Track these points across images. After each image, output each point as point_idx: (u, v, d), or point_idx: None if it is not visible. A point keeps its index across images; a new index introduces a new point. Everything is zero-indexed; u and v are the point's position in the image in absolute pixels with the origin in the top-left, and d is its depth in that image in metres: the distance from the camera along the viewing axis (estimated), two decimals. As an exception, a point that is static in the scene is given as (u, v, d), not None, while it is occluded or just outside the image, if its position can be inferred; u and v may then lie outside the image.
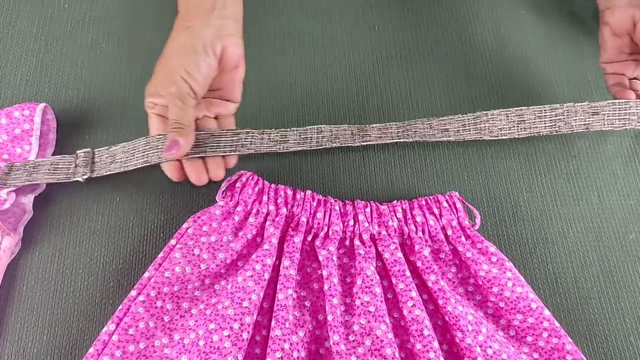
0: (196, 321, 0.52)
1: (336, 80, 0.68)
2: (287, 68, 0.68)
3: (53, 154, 0.60)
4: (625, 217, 0.61)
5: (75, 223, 0.58)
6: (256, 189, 0.58)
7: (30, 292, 0.55)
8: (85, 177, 0.55)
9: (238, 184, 0.58)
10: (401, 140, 0.60)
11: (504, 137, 0.59)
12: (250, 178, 0.58)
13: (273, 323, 0.51)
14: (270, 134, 0.59)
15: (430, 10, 0.73)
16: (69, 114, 0.63)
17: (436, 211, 0.58)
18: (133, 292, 0.52)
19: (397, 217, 0.57)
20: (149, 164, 0.55)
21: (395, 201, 0.58)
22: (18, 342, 0.53)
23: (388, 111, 0.66)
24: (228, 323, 0.50)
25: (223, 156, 0.57)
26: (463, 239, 0.56)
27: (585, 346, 0.56)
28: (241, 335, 0.49)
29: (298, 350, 0.51)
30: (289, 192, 0.58)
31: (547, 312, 0.53)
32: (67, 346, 0.53)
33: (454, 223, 0.57)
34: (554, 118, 0.59)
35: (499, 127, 0.59)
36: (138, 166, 0.56)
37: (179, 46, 0.54)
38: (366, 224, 0.57)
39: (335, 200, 0.58)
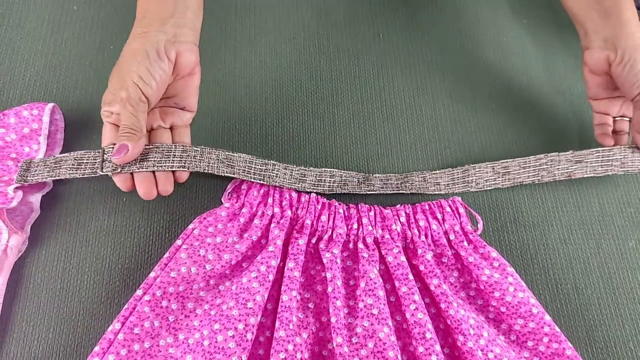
0: (201, 321, 0.52)
1: (340, 86, 0.68)
2: (292, 72, 0.69)
3: (61, 154, 0.60)
4: (625, 225, 0.62)
5: (82, 222, 0.58)
6: (261, 191, 0.58)
7: (37, 290, 0.55)
8: (116, 171, 0.54)
9: (244, 186, 0.58)
10: (400, 192, 0.62)
11: (488, 188, 0.62)
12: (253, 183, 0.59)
13: (277, 324, 0.51)
14: (292, 170, 0.60)
15: (433, 19, 0.74)
16: (76, 115, 0.63)
17: (439, 216, 0.58)
18: (139, 292, 0.53)
19: (400, 221, 0.58)
20: (183, 169, 0.55)
21: (399, 205, 0.59)
22: (24, 340, 0.53)
23: (392, 117, 0.67)
24: (232, 323, 0.50)
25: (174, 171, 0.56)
26: (465, 243, 0.57)
27: (585, 352, 0.56)
28: (245, 336, 0.50)
29: (301, 352, 0.51)
30: (294, 194, 0.59)
31: (547, 318, 0.54)
32: (73, 344, 0.53)
33: (457, 228, 0.58)
34: (537, 168, 0.62)
35: (484, 179, 0.62)
36: (174, 169, 0.55)
37: (131, 51, 0.54)
38: (370, 228, 0.57)
39: (340, 204, 0.59)
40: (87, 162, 0.56)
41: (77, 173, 0.55)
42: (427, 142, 0.66)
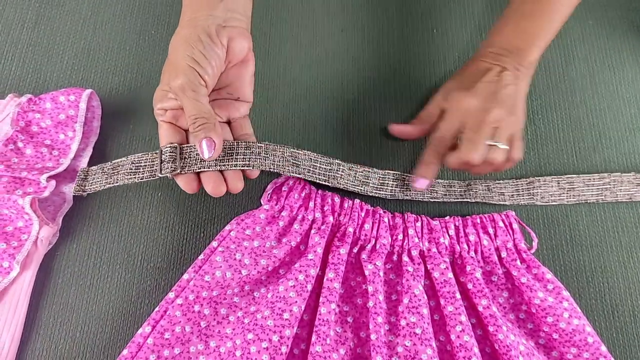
0: (233, 329, 0.50)
1: (390, 84, 0.64)
2: (339, 68, 0.65)
3: (96, 143, 0.58)
4: (690, 250, 0.58)
5: (115, 217, 0.56)
6: (302, 194, 0.55)
7: (66, 285, 0.53)
8: (175, 172, 0.50)
9: (284, 188, 0.55)
10: (465, 200, 0.59)
11: (553, 203, 0.59)
12: (297, 182, 0.56)
13: (314, 338, 0.48)
14: (357, 171, 0.57)
15: (492, 15, 0.69)
16: (114, 102, 0.61)
17: (491, 231, 0.55)
18: (171, 295, 0.51)
19: (449, 234, 0.55)
20: (248, 168, 0.51)
21: (448, 217, 0.56)
22: (50, 338, 0.51)
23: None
24: (267, 334, 0.48)
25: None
26: (518, 262, 0.53)
27: (641, 386, 0.52)
28: (280, 349, 0.47)
29: (338, 369, 0.48)
30: (337, 199, 0.55)
31: (603, 348, 0.50)
32: (100, 345, 0.51)
33: (509, 245, 0.54)
34: (600, 187, 0.59)
35: (550, 193, 0.59)
36: (238, 168, 0.51)
37: (182, 38, 0.50)
38: (416, 240, 0.54)
39: (385, 212, 0.56)
40: (145, 165, 0.52)
41: (135, 178, 0.52)
42: (479, 149, 0.62)
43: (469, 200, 0.58)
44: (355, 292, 0.53)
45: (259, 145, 0.53)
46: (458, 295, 0.51)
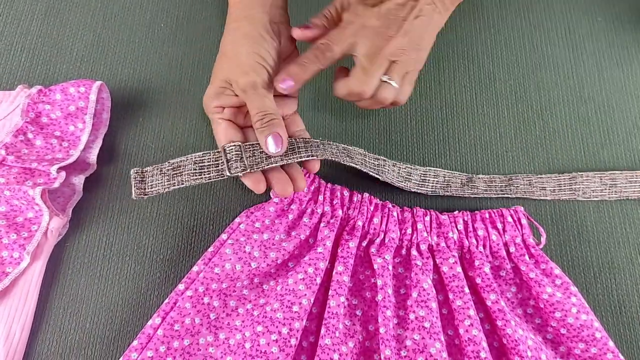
0: (243, 321, 0.50)
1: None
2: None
3: (106, 135, 0.58)
4: (698, 247, 0.58)
5: (124, 208, 0.56)
6: (312, 188, 0.55)
7: (76, 276, 0.53)
8: (245, 171, 0.49)
9: (294, 181, 0.56)
10: (505, 195, 0.59)
11: (595, 199, 0.59)
12: (307, 175, 0.56)
13: (323, 331, 0.49)
14: (400, 168, 0.58)
15: (501, 11, 0.69)
16: (123, 94, 0.61)
17: (499, 226, 0.55)
18: (181, 286, 0.51)
19: (457, 229, 0.55)
20: (312, 158, 0.51)
21: (457, 212, 0.56)
22: (60, 328, 0.51)
23: (452, 115, 0.63)
24: (276, 327, 0.48)
25: (304, 162, 0.52)
26: (526, 257, 0.53)
27: (648, 382, 0.52)
28: (289, 341, 0.47)
29: (347, 362, 0.48)
30: (346, 193, 0.56)
31: (611, 344, 0.50)
32: (110, 336, 0.51)
33: (518, 240, 0.54)
34: None
35: (592, 189, 0.59)
36: (302, 159, 0.50)
37: (243, 35, 0.50)
38: (425, 234, 0.54)
39: (394, 206, 0.56)
40: (209, 165, 0.50)
41: (202, 178, 0.49)
42: (487, 144, 0.62)
43: (509, 195, 0.59)
44: (364, 285, 0.53)
45: (315, 140, 0.52)
46: (467, 290, 0.51)
